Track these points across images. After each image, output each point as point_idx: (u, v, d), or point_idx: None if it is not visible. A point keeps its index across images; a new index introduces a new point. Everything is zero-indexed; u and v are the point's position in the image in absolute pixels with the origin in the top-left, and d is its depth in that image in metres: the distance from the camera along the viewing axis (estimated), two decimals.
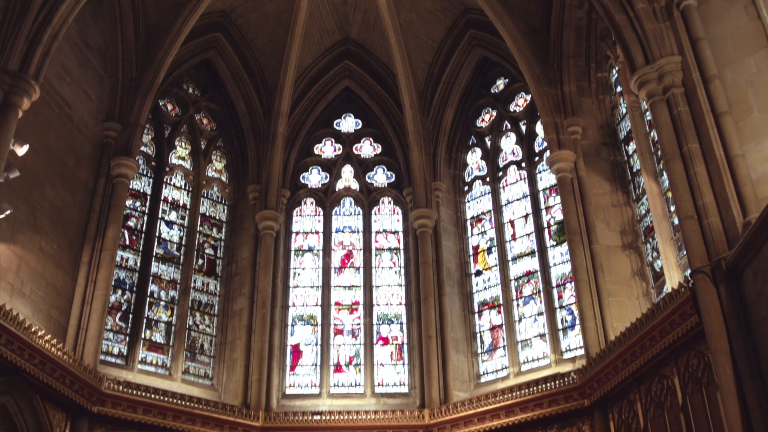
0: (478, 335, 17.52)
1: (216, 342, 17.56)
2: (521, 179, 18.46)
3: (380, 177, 20.13)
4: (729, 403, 10.36)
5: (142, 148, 17.82)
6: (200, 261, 18.17)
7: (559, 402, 14.63)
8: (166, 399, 15.21)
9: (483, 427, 15.42)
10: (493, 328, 17.37)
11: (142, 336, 16.61)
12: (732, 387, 10.32)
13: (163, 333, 17.00)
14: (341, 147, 20.58)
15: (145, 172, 18.09)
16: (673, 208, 13.65)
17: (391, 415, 16.20)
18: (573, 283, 15.68)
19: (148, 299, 16.95)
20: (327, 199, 19.83)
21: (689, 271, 11.41)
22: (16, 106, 12.55)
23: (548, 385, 14.82)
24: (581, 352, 15.17)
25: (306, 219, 19.57)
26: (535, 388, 14.98)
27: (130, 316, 16.64)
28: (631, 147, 15.81)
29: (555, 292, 16.60)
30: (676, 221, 12.78)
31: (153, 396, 15.07)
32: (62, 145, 15.29)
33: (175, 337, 17.04)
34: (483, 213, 18.82)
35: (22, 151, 12.58)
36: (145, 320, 16.75)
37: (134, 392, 14.87)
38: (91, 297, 15.15)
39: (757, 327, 10.08)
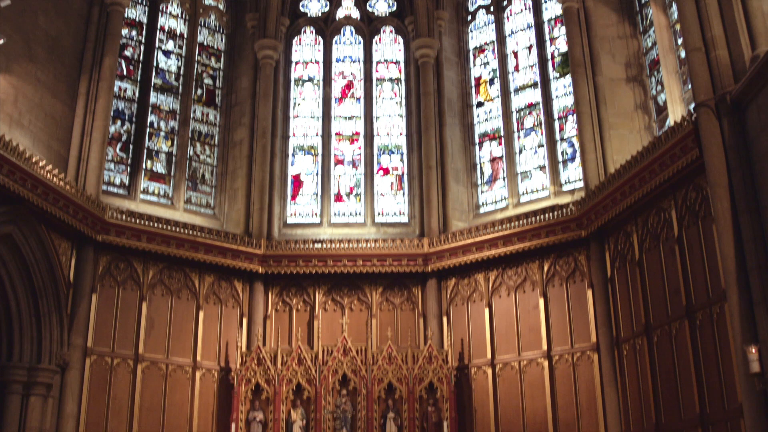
0: (478, 166, 17.58)
1: (217, 172, 17.64)
2: (526, 9, 17.98)
3: (381, 5, 19.56)
4: (724, 235, 10.51)
5: None
6: (199, 91, 17.97)
7: (557, 233, 14.86)
8: (168, 228, 15.42)
9: (481, 256, 15.71)
10: (493, 160, 17.41)
11: (144, 166, 16.66)
12: (728, 220, 10.45)
13: (164, 163, 17.04)
14: None
15: (140, 0, 17.60)
16: (680, 41, 13.37)
17: (390, 244, 16.47)
18: (575, 115, 15.59)
19: (147, 130, 16.87)
20: (327, 28, 19.37)
21: (693, 105, 11.32)
22: None
23: (546, 216, 14.99)
24: (580, 184, 15.27)
25: (306, 48, 19.19)
26: (533, 218, 15.16)
27: (131, 146, 16.62)
28: None
29: (556, 124, 16.52)
30: (683, 54, 12.56)
31: (156, 225, 15.27)
32: None
33: (176, 167, 17.09)
34: (486, 43, 18.46)
35: None
36: (145, 150, 16.75)
37: (137, 221, 15.06)
38: (91, 128, 15.09)
39: (757, 162, 10.09)
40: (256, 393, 15.14)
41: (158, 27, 17.71)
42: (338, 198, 17.90)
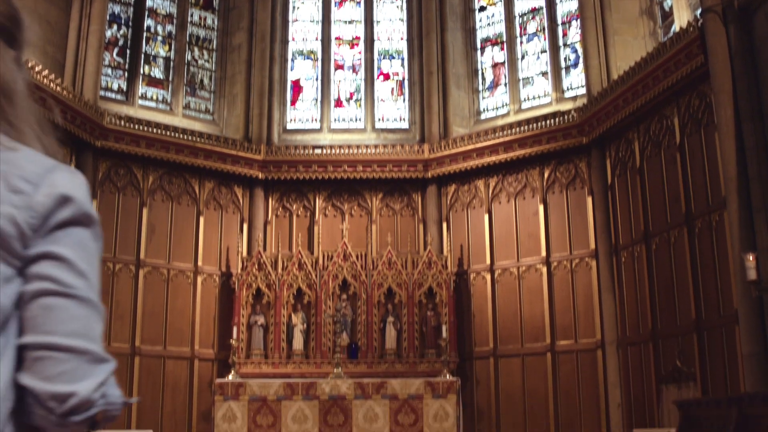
0: (480, 72, 17.37)
1: (216, 77, 17.44)
2: None
3: None
4: (726, 142, 10.49)
5: None
6: None
7: (558, 139, 14.80)
8: (168, 133, 15.35)
9: (481, 162, 15.69)
10: (495, 65, 17.19)
11: (141, 71, 16.45)
12: (731, 127, 10.41)
13: (161, 68, 16.83)
14: None
15: None
16: None
17: (391, 150, 16.43)
18: (579, 20, 15.32)
19: (144, 34, 16.59)
20: None
21: (699, 11, 11.12)
22: None
23: (548, 122, 14.91)
24: (583, 90, 15.12)
25: None
26: (534, 125, 15.08)
27: (128, 51, 16.38)
28: None
29: (560, 29, 16.24)
30: None
31: (155, 130, 15.20)
32: None
33: (174, 72, 16.88)
34: None
35: None
36: (143, 56, 16.50)
37: (136, 127, 14.98)
38: (87, 32, 14.85)
39: (762, 69, 9.99)
40: (257, 297, 15.32)
41: None
42: (338, 103, 17.75)
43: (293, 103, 17.66)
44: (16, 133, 1.52)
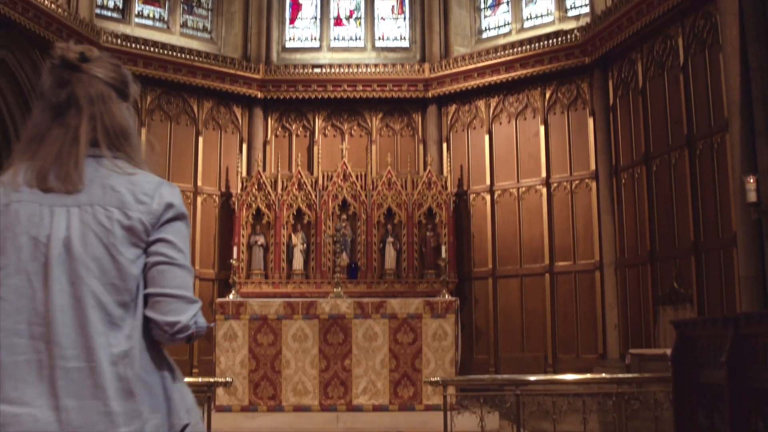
0: None
1: None
2: None
3: None
4: (731, 63, 10.38)
5: None
6: None
7: (560, 59, 14.62)
8: (165, 52, 15.15)
9: (482, 82, 15.54)
10: None
11: None
12: (736, 48, 10.29)
13: None
14: None
15: None
16: None
17: (391, 69, 16.25)
18: None
19: None
20: None
21: None
22: None
23: (550, 42, 14.71)
24: (586, 9, 14.86)
25: None
26: (536, 44, 14.88)
27: None
28: None
29: None
30: None
31: (152, 49, 14.99)
32: None
33: None
34: None
35: None
36: None
37: (133, 46, 14.78)
38: None
39: None
40: (256, 218, 15.36)
41: None
42: (338, 22, 17.48)
43: (292, 21, 17.40)
44: (133, 161, 2.29)
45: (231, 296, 11.98)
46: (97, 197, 2.17)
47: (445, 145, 16.09)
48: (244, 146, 16.20)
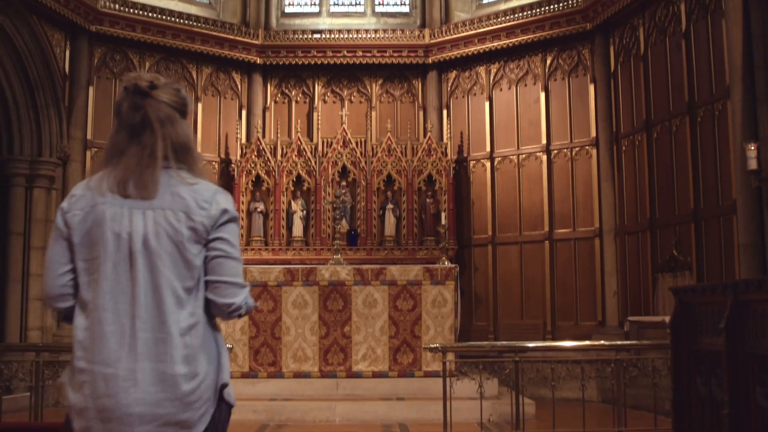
0: None
1: None
2: None
3: None
4: (733, 30, 10.31)
5: None
6: None
7: (561, 25, 14.51)
8: (164, 17, 15.02)
9: (483, 48, 15.44)
10: None
11: None
12: (739, 14, 10.22)
13: None
14: None
15: None
16: None
17: (391, 35, 16.14)
18: None
19: None
20: None
21: None
22: None
23: (551, 7, 14.58)
24: None
25: None
26: (537, 10, 14.76)
27: None
28: None
29: None
30: None
31: (150, 14, 14.87)
32: None
33: None
34: None
35: None
36: None
37: (131, 11, 14.64)
38: None
39: None
40: (256, 184, 15.35)
41: None
42: None
43: None
44: (193, 172, 2.80)
45: None
46: (168, 203, 2.70)
47: (445, 112, 16.03)
48: (244, 112, 16.13)
